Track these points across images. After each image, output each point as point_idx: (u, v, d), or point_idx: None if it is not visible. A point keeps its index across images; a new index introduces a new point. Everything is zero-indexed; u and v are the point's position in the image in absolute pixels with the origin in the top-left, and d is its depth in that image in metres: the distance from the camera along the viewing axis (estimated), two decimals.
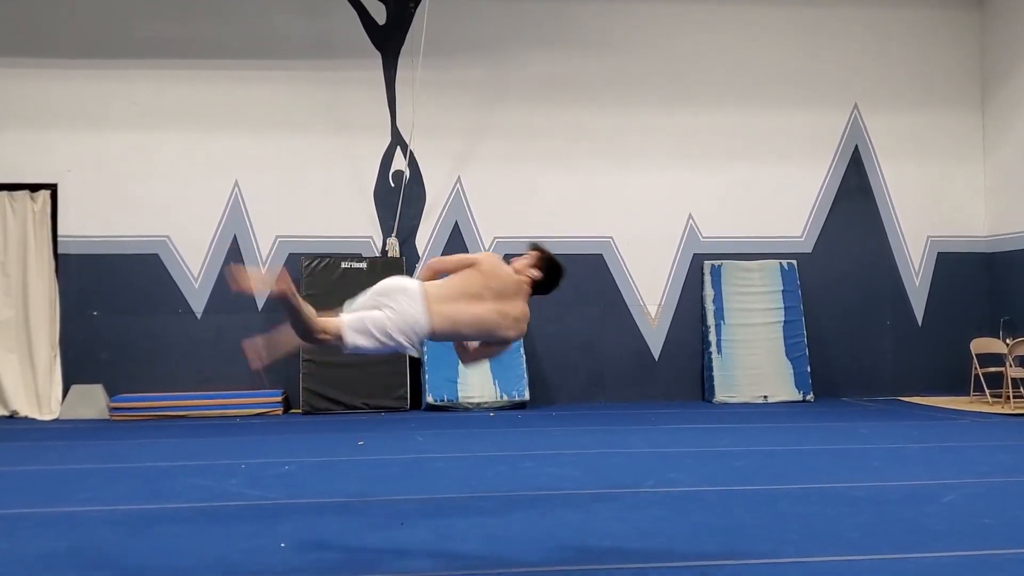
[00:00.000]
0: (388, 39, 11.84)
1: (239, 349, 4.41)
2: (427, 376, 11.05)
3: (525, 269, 4.69)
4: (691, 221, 12.13)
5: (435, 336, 4.41)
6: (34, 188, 11.26)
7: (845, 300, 12.23)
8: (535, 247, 4.79)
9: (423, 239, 11.77)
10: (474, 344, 4.69)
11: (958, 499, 5.77)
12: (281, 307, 4.10)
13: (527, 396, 11.13)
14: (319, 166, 11.65)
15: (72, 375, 11.06)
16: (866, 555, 4.53)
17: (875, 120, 12.44)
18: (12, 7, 11.33)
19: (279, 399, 10.98)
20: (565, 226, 11.83)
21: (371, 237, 11.69)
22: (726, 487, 6.22)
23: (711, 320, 11.84)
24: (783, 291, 11.96)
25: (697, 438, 8.67)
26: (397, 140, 11.77)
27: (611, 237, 11.99)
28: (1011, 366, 10.97)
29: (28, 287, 11.09)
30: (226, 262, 11.37)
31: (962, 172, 12.59)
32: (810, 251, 12.27)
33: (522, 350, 11.29)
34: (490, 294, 4.47)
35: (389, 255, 11.52)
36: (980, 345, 11.49)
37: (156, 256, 11.37)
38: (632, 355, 11.92)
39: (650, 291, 12.01)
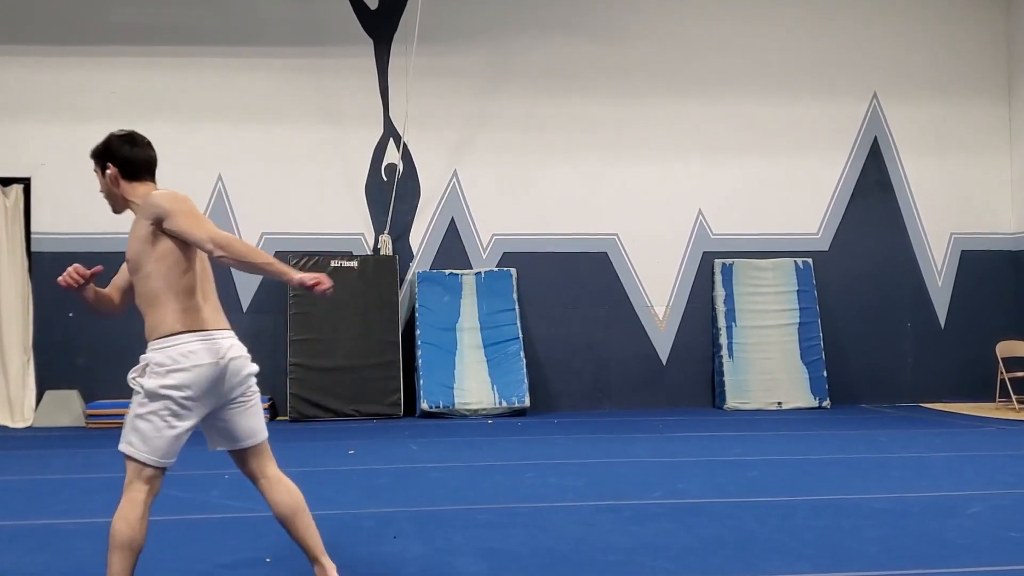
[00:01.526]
0: (380, 24, 11.83)
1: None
2: (422, 382, 11.04)
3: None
4: (701, 217, 12.13)
5: None
6: (5, 182, 11.25)
7: (864, 301, 12.22)
8: None
9: (417, 236, 11.76)
10: None
11: (983, 511, 5.77)
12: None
13: (527, 402, 11.12)
14: (307, 159, 11.64)
15: (46, 380, 11.05)
16: (886, 570, 4.53)
17: (895, 110, 12.44)
18: None
19: (265, 405, 10.88)
20: (567, 223, 11.84)
21: (362, 234, 11.68)
22: (737, 499, 6.22)
23: (722, 322, 11.84)
24: (798, 291, 11.95)
25: (707, 447, 8.68)
26: (390, 132, 11.77)
27: (616, 234, 11.99)
28: None
29: None
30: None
31: (987, 165, 12.59)
32: (827, 249, 12.26)
33: (522, 353, 11.29)
34: None
35: (381, 253, 11.51)
36: (1006, 348, 11.50)
37: None
38: (638, 359, 11.92)
39: (657, 291, 12.01)
